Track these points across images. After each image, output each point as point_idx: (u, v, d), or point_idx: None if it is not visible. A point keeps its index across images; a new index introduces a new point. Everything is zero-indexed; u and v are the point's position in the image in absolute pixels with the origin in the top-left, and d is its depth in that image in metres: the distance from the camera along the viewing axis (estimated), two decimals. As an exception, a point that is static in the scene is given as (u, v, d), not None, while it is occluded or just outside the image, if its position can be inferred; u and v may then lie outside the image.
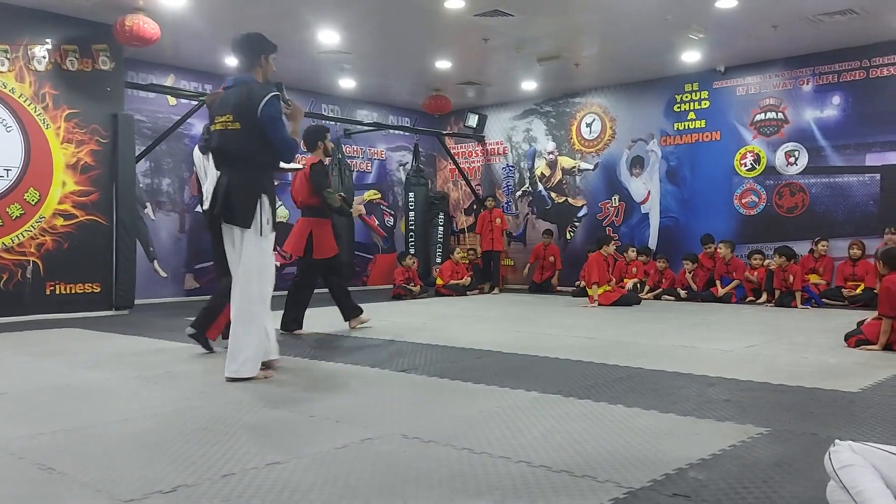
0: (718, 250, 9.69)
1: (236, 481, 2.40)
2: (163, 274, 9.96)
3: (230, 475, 2.46)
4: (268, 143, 4.14)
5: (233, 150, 4.18)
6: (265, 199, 4.18)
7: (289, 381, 4.20)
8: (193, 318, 5.30)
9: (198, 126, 10.33)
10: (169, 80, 10.00)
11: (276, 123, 4.13)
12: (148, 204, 9.89)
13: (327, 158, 6.64)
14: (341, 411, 3.42)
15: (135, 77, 9.48)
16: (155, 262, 9.90)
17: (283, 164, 4.54)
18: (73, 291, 8.07)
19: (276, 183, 4.52)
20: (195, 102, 9.50)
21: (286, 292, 6.50)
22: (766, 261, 9.35)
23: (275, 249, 4.41)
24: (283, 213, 11.38)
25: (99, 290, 8.23)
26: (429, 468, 2.54)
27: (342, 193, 7.63)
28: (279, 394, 3.84)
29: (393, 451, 2.75)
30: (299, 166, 5.44)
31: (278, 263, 12.16)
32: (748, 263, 9.60)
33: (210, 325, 5.25)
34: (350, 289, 7.34)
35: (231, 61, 9.86)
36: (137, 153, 8.94)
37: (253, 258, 4.17)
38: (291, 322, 6.39)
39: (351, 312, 6.63)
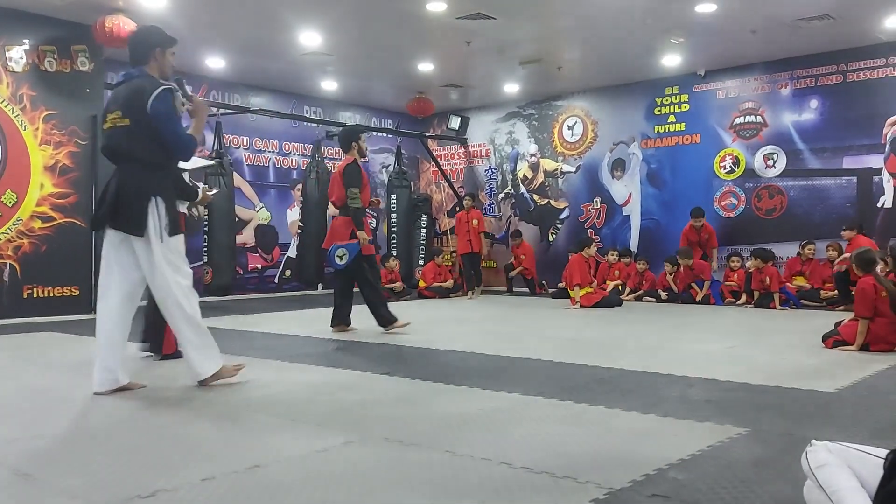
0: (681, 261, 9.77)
1: (216, 485, 2.39)
2: (143, 277, 9.87)
3: (210, 479, 2.44)
4: (160, 140, 3.85)
5: (122, 148, 3.88)
6: (160, 202, 3.84)
7: (270, 384, 4.18)
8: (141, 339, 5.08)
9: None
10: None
11: (168, 119, 3.83)
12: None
13: (363, 158, 6.62)
14: (322, 414, 3.41)
15: (115, 78, 9.31)
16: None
17: (184, 164, 4.24)
18: (51, 295, 7.98)
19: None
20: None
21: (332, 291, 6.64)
22: (746, 263, 9.48)
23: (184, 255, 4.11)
24: (264, 214, 11.35)
25: (78, 293, 8.14)
26: (410, 471, 2.54)
27: (378, 199, 7.58)
28: (260, 397, 3.82)
29: (374, 455, 2.74)
30: (208, 162, 4.90)
31: (259, 266, 12.16)
32: (727, 266, 9.71)
33: (163, 342, 5.07)
34: (331, 291, 7.32)
35: (213, 62, 9.82)
36: (117, 155, 8.85)
37: (162, 265, 3.84)
38: (344, 318, 6.48)
39: (385, 320, 6.40)
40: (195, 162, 4.53)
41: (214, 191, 4.94)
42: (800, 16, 8.06)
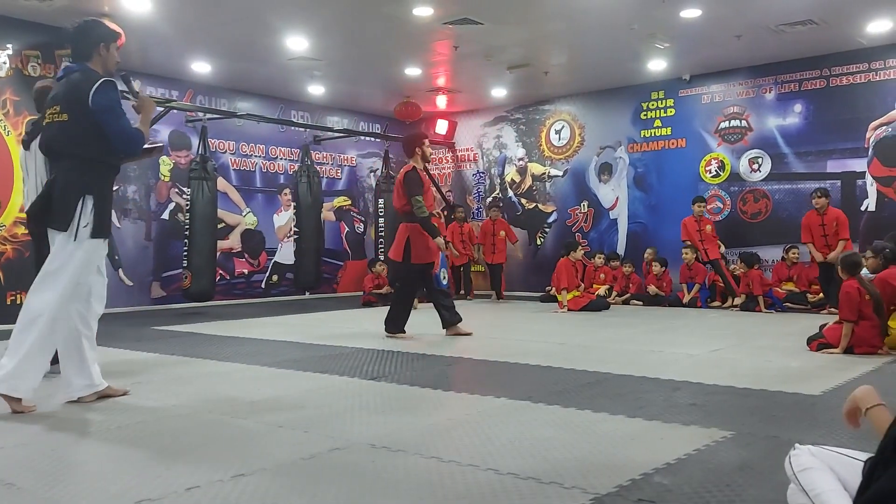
0: (684, 255, 9.80)
1: (201, 494, 2.37)
2: (128, 282, 9.82)
3: (195, 488, 2.43)
4: (100, 135, 3.68)
5: (60, 144, 3.72)
6: (89, 201, 3.65)
7: (256, 390, 4.17)
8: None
9: (163, 132, 10.23)
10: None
11: (111, 112, 3.67)
12: (112, 211, 9.73)
13: (427, 163, 6.64)
14: (309, 421, 3.39)
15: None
16: (120, 270, 9.75)
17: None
18: (35, 301, 7.90)
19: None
20: (161, 109, 9.39)
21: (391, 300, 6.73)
22: (731, 266, 9.54)
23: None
24: (250, 219, 11.31)
25: (62, 299, 8.06)
26: (397, 478, 2.54)
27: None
28: (246, 404, 3.80)
29: (361, 461, 2.74)
30: (156, 145, 4.63)
31: (246, 271, 12.11)
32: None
33: None
34: (320, 296, 7.30)
35: (198, 67, 9.79)
36: (102, 160, 8.79)
37: (64, 266, 3.60)
38: (398, 325, 6.48)
39: (393, 327, 6.45)
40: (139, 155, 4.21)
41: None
42: (783, 21, 8.14)
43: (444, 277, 6.28)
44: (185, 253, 9.33)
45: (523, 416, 3.43)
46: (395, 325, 6.46)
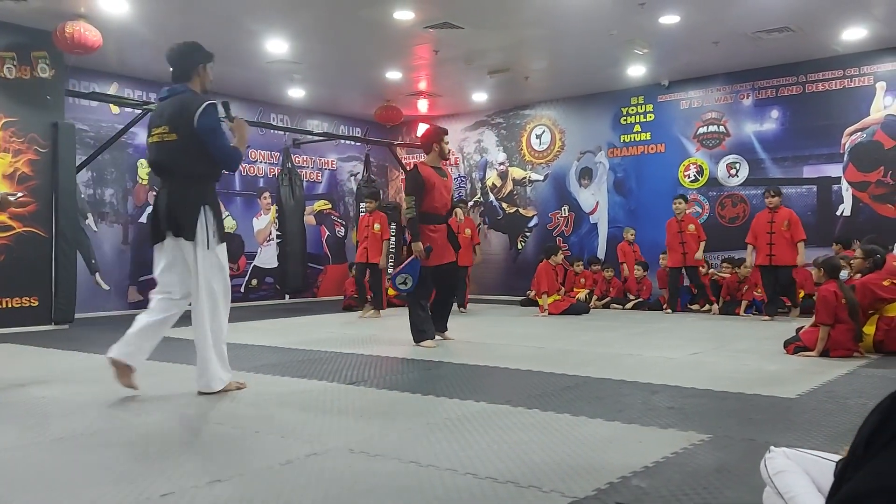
0: (661, 260, 9.87)
1: (175, 500, 2.34)
2: (105, 287, 9.70)
3: (169, 494, 2.39)
4: (205, 153, 4.02)
5: (170, 162, 4.06)
6: (208, 211, 4.06)
7: (234, 396, 4.12)
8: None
9: (141, 135, 10.13)
10: (112, 89, 9.78)
11: (213, 133, 4.01)
12: (89, 215, 9.63)
13: (445, 160, 6.50)
14: (287, 426, 3.37)
15: (76, 85, 9.25)
16: (97, 274, 9.63)
17: None
18: (9, 306, 7.78)
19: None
20: (139, 111, 9.30)
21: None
22: (710, 269, 9.62)
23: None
24: (229, 223, 11.22)
25: (37, 303, 7.95)
26: (375, 483, 2.52)
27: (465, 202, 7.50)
28: (224, 409, 3.76)
29: (339, 466, 2.72)
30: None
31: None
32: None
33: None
34: (301, 301, 7.26)
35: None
36: (79, 163, 8.70)
37: (203, 272, 4.04)
38: (441, 328, 6.45)
39: (419, 337, 6.13)
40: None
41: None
42: (760, 28, 8.23)
43: (407, 283, 6.10)
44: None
45: (502, 420, 3.43)
46: (418, 332, 6.13)
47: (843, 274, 5.99)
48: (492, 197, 12.73)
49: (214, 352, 4.10)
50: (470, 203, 12.82)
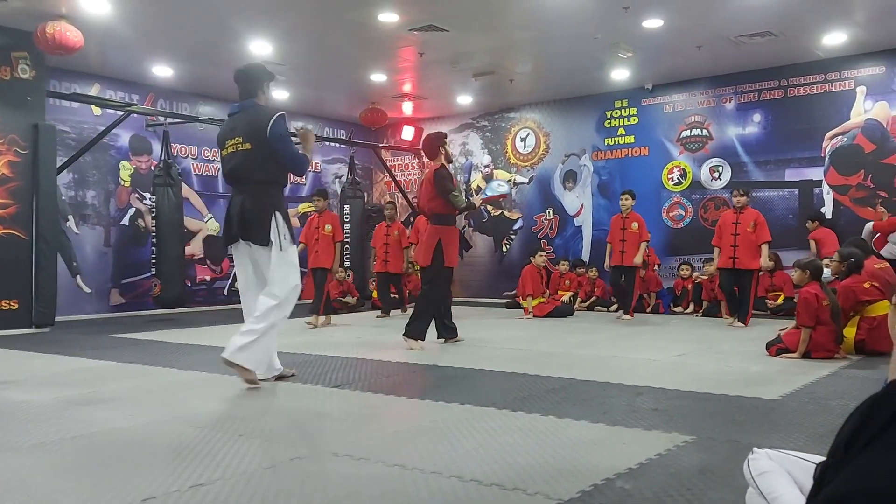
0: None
1: (158, 505, 2.32)
2: (86, 289, 9.60)
3: (150, 499, 2.37)
4: (277, 161, 4.40)
5: (245, 170, 4.42)
6: (279, 216, 4.39)
7: (218, 399, 4.09)
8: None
9: (123, 136, 10.05)
10: (93, 90, 9.69)
11: (284, 141, 4.42)
12: (70, 217, 9.53)
13: (449, 163, 6.61)
14: (270, 430, 3.34)
15: (58, 86, 9.15)
16: (78, 277, 9.54)
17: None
18: (-12, 309, 7.69)
19: None
20: (121, 113, 9.23)
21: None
22: (694, 273, 9.68)
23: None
24: (213, 225, 11.15)
25: (17, 306, 7.86)
26: (360, 486, 2.51)
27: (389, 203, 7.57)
28: (207, 413, 3.73)
29: (323, 470, 2.70)
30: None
31: (208, 278, 11.95)
32: (678, 275, 9.90)
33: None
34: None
35: (160, 70, 9.65)
36: (60, 164, 8.62)
37: (275, 272, 4.36)
38: (449, 331, 6.49)
39: (414, 332, 6.13)
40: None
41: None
42: (743, 32, 8.30)
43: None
44: (154, 260, 9.17)
45: (487, 423, 3.42)
46: (418, 331, 6.12)
47: (827, 273, 6.06)
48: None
49: (269, 342, 4.40)
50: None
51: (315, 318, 8.19)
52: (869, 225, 8.42)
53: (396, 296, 9.92)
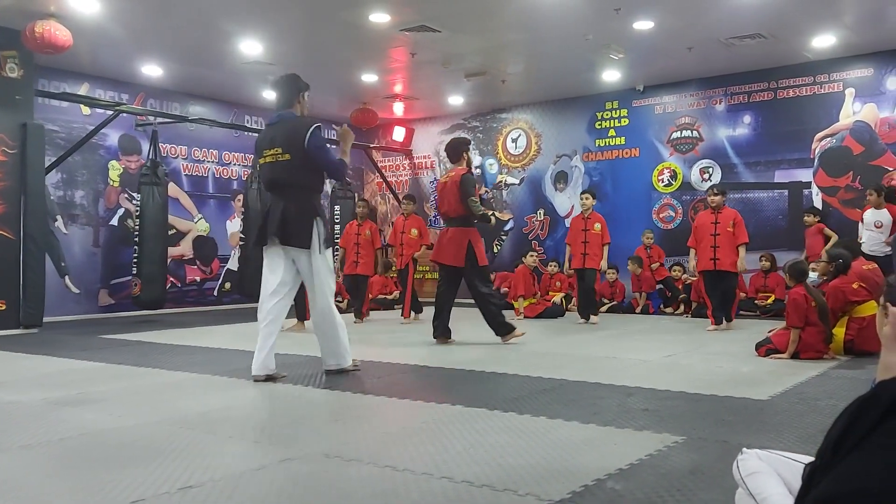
0: (629, 266, 9.95)
1: (146, 507, 2.30)
2: (75, 290, 9.54)
3: (139, 501, 2.35)
4: (315, 170, 4.68)
5: (284, 178, 4.64)
6: (319, 222, 4.62)
7: (207, 400, 4.07)
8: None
9: (113, 136, 9.99)
10: (83, 89, 9.64)
11: (322, 150, 4.68)
12: (59, 217, 9.47)
13: (469, 169, 6.77)
14: (260, 431, 3.33)
15: (46, 85, 9.09)
16: (66, 277, 9.48)
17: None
18: (-24, 309, 7.63)
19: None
20: (110, 112, 9.17)
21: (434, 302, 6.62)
22: (684, 274, 9.71)
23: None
24: (203, 226, 11.11)
25: (4, 307, 7.80)
26: (350, 488, 2.50)
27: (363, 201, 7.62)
28: (196, 414, 3.71)
29: (313, 472, 2.69)
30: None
31: (198, 278, 11.90)
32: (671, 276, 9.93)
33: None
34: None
35: (149, 70, 9.61)
36: (48, 164, 8.56)
37: (320, 273, 4.62)
38: (445, 332, 6.54)
39: (505, 329, 6.49)
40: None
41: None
42: (733, 34, 8.34)
43: None
44: (135, 260, 9.11)
45: (479, 424, 3.42)
46: (506, 326, 6.47)
47: (814, 276, 6.09)
48: (468, 200, 12.72)
49: (343, 334, 4.76)
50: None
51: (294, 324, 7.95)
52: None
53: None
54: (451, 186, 6.47)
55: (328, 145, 4.77)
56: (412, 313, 8.84)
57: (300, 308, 7.83)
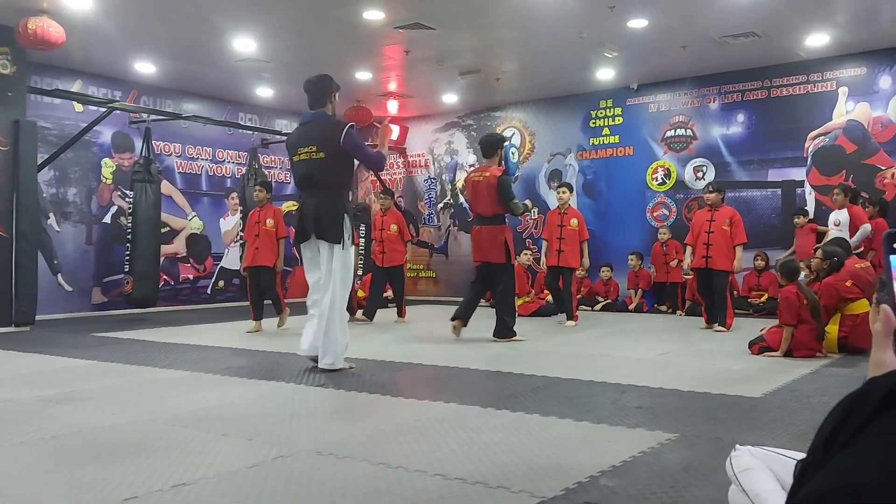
0: (629, 260, 9.97)
1: (139, 505, 2.29)
2: (67, 288, 9.50)
3: (132, 499, 2.34)
4: (346, 167, 5.00)
5: (318, 176, 4.87)
6: (346, 219, 4.85)
7: (200, 398, 4.06)
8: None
9: (106, 133, 9.95)
10: (75, 86, 9.59)
11: (359, 147, 4.94)
12: (51, 214, 9.43)
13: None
14: (253, 429, 3.32)
15: (39, 82, 9.04)
16: (59, 275, 9.44)
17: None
18: (-33, 307, 7.59)
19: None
20: (103, 109, 9.13)
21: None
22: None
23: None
24: (196, 223, 11.08)
25: (-4, 305, 7.76)
26: (344, 485, 2.50)
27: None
28: (189, 412, 3.70)
29: (307, 469, 2.69)
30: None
31: (191, 276, 11.87)
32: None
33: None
34: (269, 302, 7.20)
35: (143, 67, 9.57)
36: (41, 161, 8.52)
37: (339, 268, 4.82)
38: (467, 318, 6.69)
39: (507, 332, 6.62)
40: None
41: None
42: (727, 33, 8.35)
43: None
44: (127, 258, 9.08)
45: (472, 421, 3.42)
46: (509, 330, 6.59)
47: (801, 276, 6.12)
48: (462, 199, 12.72)
49: (342, 334, 4.86)
50: (440, 205, 12.84)
51: (277, 319, 7.88)
52: (867, 227, 8.05)
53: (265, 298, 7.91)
54: (485, 186, 6.54)
55: (363, 142, 5.06)
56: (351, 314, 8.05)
57: (276, 308, 7.82)
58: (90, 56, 9.00)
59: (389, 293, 9.49)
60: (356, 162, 5.24)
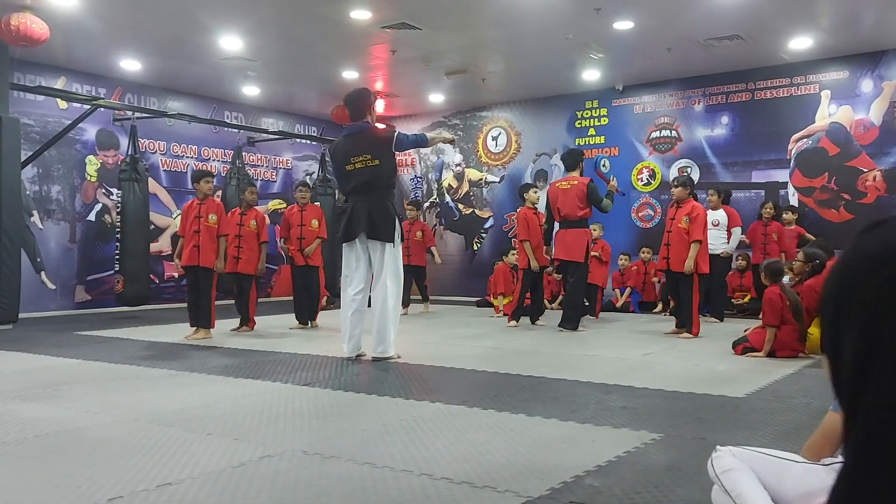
0: (619, 261, 10.03)
1: (124, 505, 2.29)
2: (51, 286, 9.42)
3: (117, 498, 2.34)
4: (394, 173, 5.48)
5: (374, 181, 5.32)
6: (397, 220, 5.37)
7: (185, 397, 4.05)
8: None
9: (90, 131, 9.87)
10: (59, 83, 9.50)
11: (409, 142, 5.49)
12: (35, 212, 9.34)
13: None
14: (239, 428, 3.32)
15: (22, 78, 8.95)
16: (42, 273, 9.35)
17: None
18: (-52, 305, 7.50)
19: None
20: (87, 107, 9.06)
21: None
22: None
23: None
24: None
25: (-21, 304, 7.68)
26: (329, 485, 2.50)
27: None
28: (175, 411, 3.69)
29: (292, 469, 2.69)
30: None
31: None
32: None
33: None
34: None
35: (128, 64, 9.50)
36: (24, 158, 8.43)
37: (391, 265, 5.30)
38: (578, 321, 7.42)
39: (570, 323, 7.35)
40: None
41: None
42: (712, 35, 8.42)
43: None
44: (117, 256, 9.01)
45: (458, 421, 3.43)
46: (576, 321, 7.36)
47: (786, 279, 6.18)
48: (448, 198, 12.74)
49: (394, 325, 5.32)
50: (426, 204, 12.84)
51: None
52: (737, 230, 8.63)
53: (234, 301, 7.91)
54: (573, 194, 7.39)
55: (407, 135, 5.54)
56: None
57: (203, 316, 6.88)
58: (74, 53, 8.93)
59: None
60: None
